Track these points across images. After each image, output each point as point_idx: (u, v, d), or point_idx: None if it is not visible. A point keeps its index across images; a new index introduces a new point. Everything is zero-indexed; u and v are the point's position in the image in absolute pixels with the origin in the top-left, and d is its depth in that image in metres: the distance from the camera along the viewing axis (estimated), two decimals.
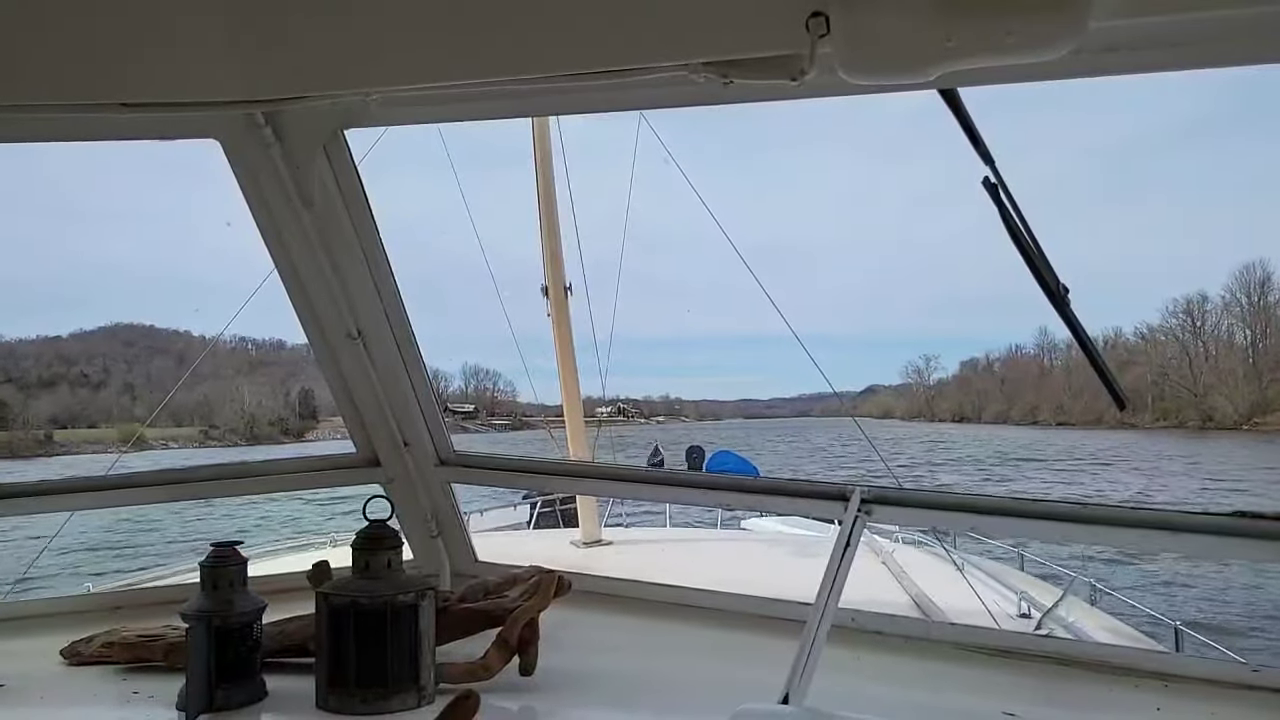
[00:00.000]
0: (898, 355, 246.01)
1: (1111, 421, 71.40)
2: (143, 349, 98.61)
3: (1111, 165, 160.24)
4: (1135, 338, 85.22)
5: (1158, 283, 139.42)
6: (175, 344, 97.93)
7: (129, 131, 1.91)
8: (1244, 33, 1.44)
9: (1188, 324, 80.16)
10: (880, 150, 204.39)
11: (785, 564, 5.10)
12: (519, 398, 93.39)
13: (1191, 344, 78.37)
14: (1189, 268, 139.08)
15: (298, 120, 1.97)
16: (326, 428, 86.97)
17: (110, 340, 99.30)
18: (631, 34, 1.42)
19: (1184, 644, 4.81)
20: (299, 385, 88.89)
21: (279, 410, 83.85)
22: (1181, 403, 74.02)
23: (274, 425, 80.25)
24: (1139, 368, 77.43)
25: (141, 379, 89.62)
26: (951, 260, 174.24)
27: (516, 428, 73.88)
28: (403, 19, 1.47)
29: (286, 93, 1.69)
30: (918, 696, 1.83)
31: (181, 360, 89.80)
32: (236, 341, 77.40)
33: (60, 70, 1.60)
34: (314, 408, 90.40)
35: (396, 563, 1.79)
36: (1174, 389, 75.25)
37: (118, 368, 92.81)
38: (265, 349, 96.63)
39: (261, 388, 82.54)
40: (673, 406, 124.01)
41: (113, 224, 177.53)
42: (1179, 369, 76.19)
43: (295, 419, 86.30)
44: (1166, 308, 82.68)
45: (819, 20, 1.26)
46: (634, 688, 1.92)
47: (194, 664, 1.68)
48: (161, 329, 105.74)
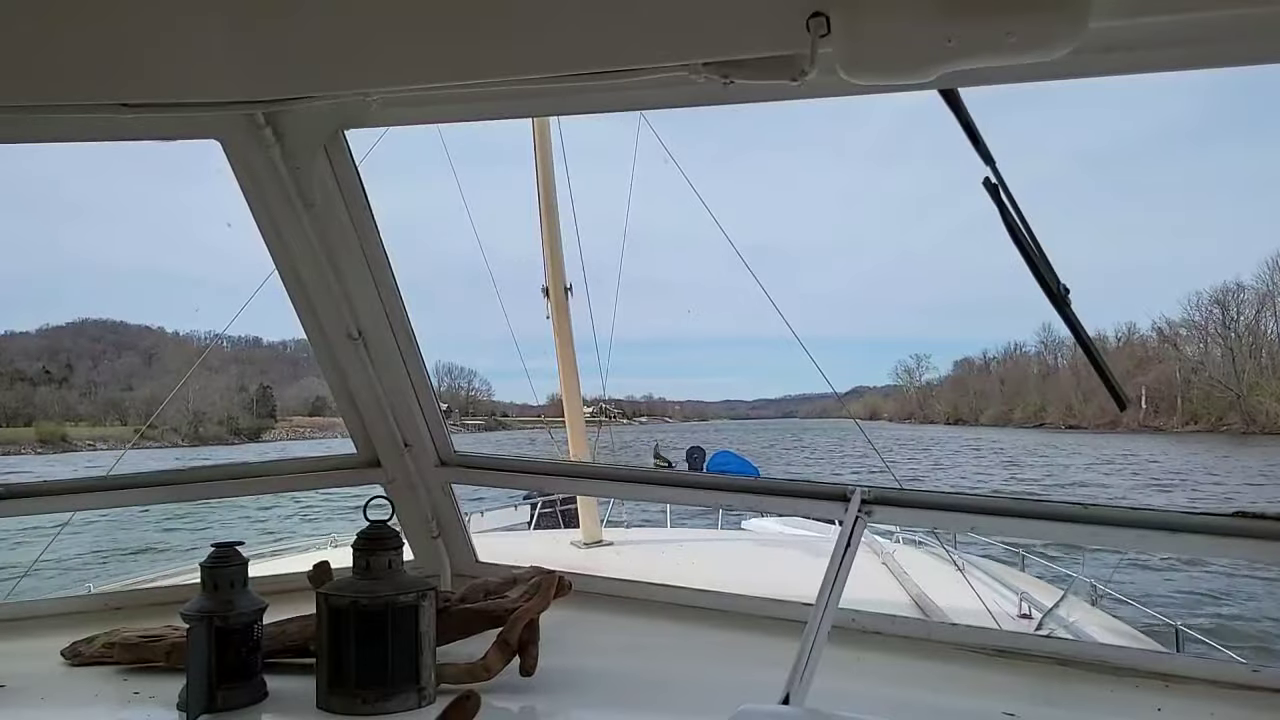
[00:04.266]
0: (884, 357, 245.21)
1: (1132, 424, 67.22)
2: (109, 345, 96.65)
3: (1111, 165, 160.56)
4: (1152, 333, 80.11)
5: (1169, 279, 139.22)
6: (144, 340, 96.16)
7: (130, 132, 1.91)
8: (1244, 33, 1.44)
9: (1220, 316, 73.99)
10: (866, 152, 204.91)
11: (786, 564, 5.09)
12: (495, 396, 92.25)
13: (1225, 338, 72.51)
14: (1195, 263, 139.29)
15: (298, 121, 1.97)
16: (285, 428, 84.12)
17: (77, 336, 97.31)
18: (632, 34, 1.42)
19: (1184, 645, 4.81)
20: (257, 383, 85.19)
21: (230, 409, 78.55)
22: (1217, 404, 68.61)
23: (222, 425, 74.95)
24: (1162, 365, 72.46)
25: (107, 376, 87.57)
26: (939, 262, 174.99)
27: (491, 428, 72.49)
28: (403, 19, 1.47)
29: (287, 93, 1.69)
30: (918, 697, 1.83)
31: (150, 358, 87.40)
32: (210, 338, 74.72)
33: (61, 71, 1.60)
34: (273, 406, 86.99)
35: (397, 563, 1.79)
36: (1204, 388, 69.82)
37: (82, 364, 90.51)
38: (240, 346, 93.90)
39: (220, 384, 76.69)
40: (656, 407, 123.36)
41: (87, 218, 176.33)
42: (1221, 366, 70.22)
43: (252, 418, 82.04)
44: (1190, 301, 77.62)
45: (820, 20, 1.26)
46: (634, 688, 1.92)
47: (195, 664, 1.68)
48: (131, 325, 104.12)
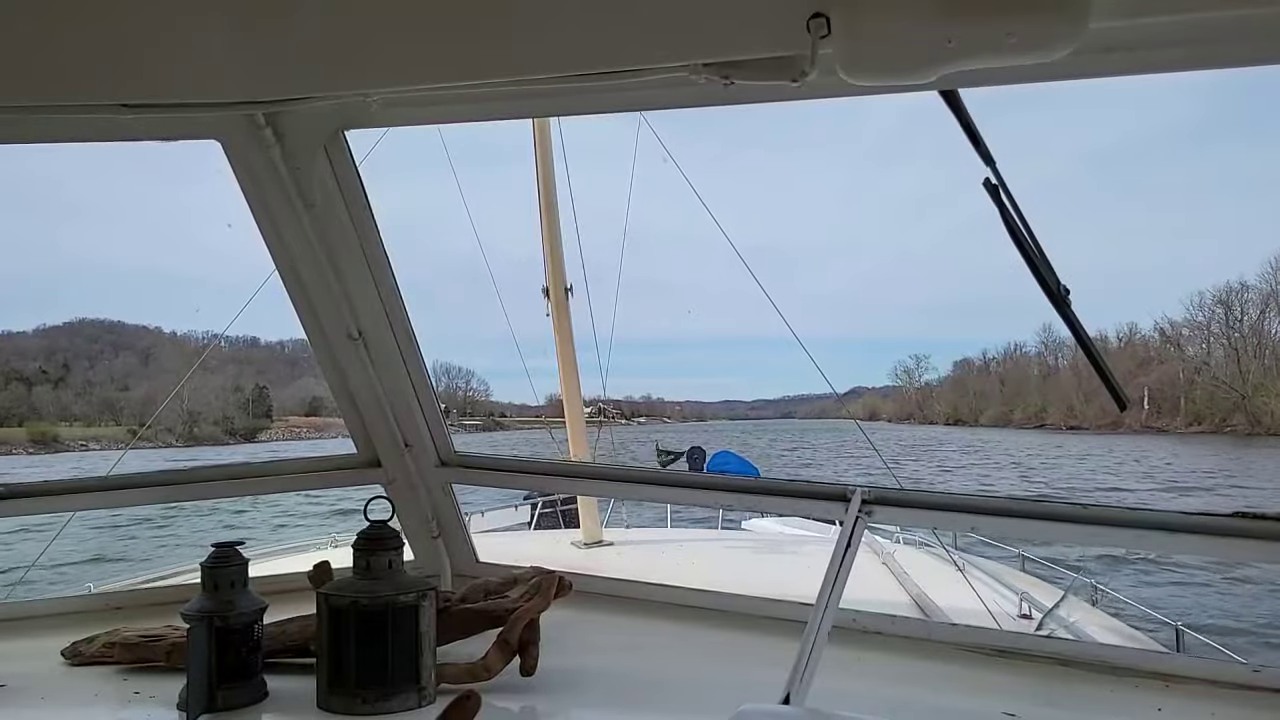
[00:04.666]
0: (882, 357, 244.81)
1: (1135, 425, 66.56)
2: (106, 345, 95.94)
3: (1113, 165, 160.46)
4: (1154, 333, 79.09)
5: (1170, 279, 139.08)
6: (141, 340, 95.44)
7: (130, 133, 1.91)
8: (1245, 33, 1.44)
9: (1224, 316, 73.17)
10: (865, 152, 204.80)
11: (786, 564, 5.09)
12: (493, 396, 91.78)
13: (1229, 338, 71.57)
14: (1197, 263, 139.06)
15: (298, 121, 1.97)
16: (281, 428, 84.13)
17: (74, 336, 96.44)
18: (632, 35, 1.42)
19: (1185, 644, 4.81)
20: (253, 382, 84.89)
21: (226, 409, 79.04)
22: (1221, 405, 67.83)
23: (218, 425, 75.48)
24: (1165, 366, 71.44)
25: (103, 376, 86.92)
26: (939, 262, 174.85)
27: (489, 428, 72.19)
28: (403, 20, 1.47)
29: (287, 94, 1.69)
30: (918, 697, 1.83)
31: (147, 358, 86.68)
32: (209, 338, 74.28)
33: (62, 72, 1.60)
34: (269, 406, 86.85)
35: (397, 563, 1.79)
36: (1208, 389, 69.09)
37: (79, 364, 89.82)
38: (238, 346, 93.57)
39: (215, 384, 76.58)
40: (655, 407, 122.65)
41: (87, 218, 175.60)
42: (1225, 367, 69.31)
43: (248, 418, 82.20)
44: (1192, 301, 76.67)
45: (820, 21, 1.26)
46: (635, 688, 1.92)
47: (195, 664, 1.68)
48: (130, 325, 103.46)
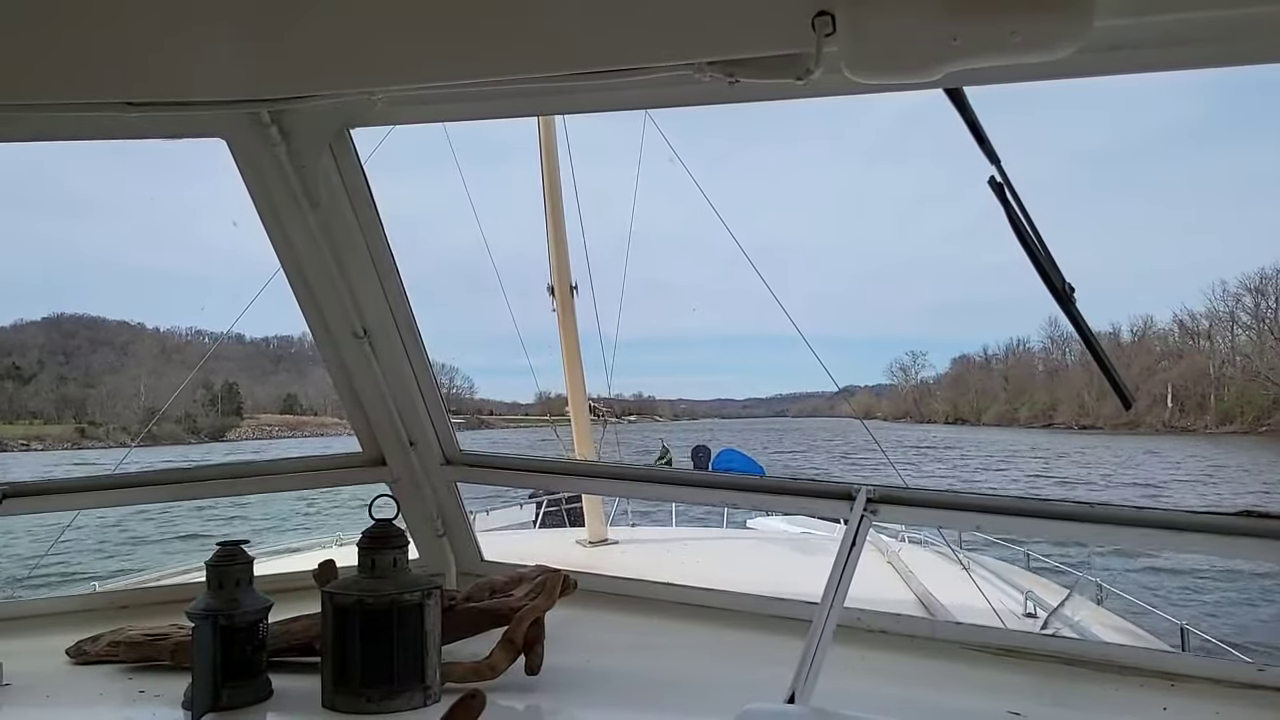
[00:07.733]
0: (878, 356, 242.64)
1: (1156, 425, 62.05)
2: (84, 340, 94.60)
3: (1113, 164, 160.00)
4: (1173, 325, 74.41)
5: (1182, 273, 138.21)
6: (120, 336, 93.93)
7: (135, 131, 1.92)
8: (1248, 32, 1.43)
9: (1254, 305, 68.22)
10: (867, 150, 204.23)
11: (791, 563, 5.09)
12: (477, 394, 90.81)
13: (1261, 328, 66.41)
14: (1203, 260, 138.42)
15: (303, 119, 1.97)
16: (251, 426, 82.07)
17: (50, 331, 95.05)
18: (637, 34, 1.42)
19: (1190, 643, 4.80)
20: (222, 378, 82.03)
21: (190, 405, 73.58)
22: (1256, 400, 62.03)
23: (179, 423, 69.60)
24: (1190, 360, 66.70)
25: (79, 372, 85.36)
26: (940, 261, 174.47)
27: (474, 426, 71.39)
28: (408, 19, 1.47)
29: (292, 92, 1.69)
30: (923, 696, 1.83)
31: (125, 353, 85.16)
32: (193, 335, 73.55)
33: (67, 70, 1.60)
34: (239, 404, 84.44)
35: (402, 562, 1.79)
36: (1239, 384, 63.79)
37: (54, 360, 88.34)
38: (224, 342, 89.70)
39: (177, 381, 70.63)
40: (646, 406, 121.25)
41: (86, 217, 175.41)
42: (1263, 358, 63.63)
43: (217, 415, 79.82)
44: (1214, 291, 71.75)
45: (824, 19, 1.26)
46: (639, 687, 1.92)
47: (200, 663, 1.68)
48: (110, 320, 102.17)
